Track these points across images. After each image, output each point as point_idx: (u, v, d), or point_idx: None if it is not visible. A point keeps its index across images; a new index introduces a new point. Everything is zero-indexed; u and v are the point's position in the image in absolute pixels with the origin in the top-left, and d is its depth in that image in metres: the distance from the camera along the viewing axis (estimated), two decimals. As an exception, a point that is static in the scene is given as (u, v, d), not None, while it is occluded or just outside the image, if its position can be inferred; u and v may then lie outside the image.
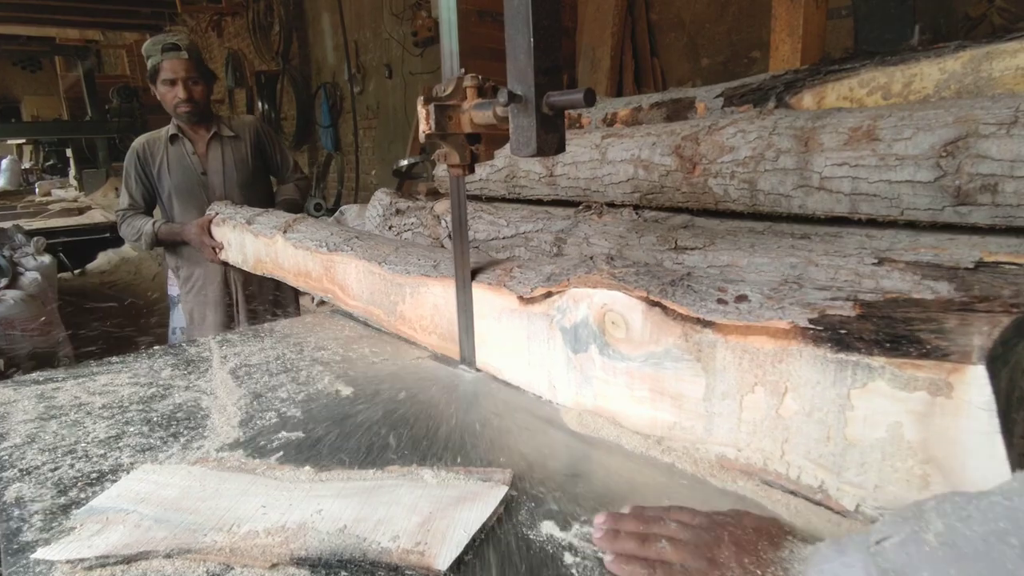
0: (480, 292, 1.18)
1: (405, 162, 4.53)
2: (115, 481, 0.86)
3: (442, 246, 2.03)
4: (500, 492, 0.78)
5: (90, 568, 0.69)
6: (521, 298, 1.09)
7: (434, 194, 2.58)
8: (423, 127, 1.04)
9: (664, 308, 0.89)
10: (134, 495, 0.82)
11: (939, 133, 1.05)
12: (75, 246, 6.47)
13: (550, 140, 0.94)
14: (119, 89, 12.50)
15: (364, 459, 0.90)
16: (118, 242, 7.70)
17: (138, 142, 2.64)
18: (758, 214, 1.37)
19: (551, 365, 1.08)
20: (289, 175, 2.91)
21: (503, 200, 2.05)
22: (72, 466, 0.91)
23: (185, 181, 2.65)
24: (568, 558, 0.69)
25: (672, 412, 0.91)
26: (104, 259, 7.35)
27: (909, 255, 1.03)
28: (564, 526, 0.74)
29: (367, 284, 1.49)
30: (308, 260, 1.70)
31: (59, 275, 6.25)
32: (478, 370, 1.22)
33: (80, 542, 0.73)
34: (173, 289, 4.53)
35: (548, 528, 0.74)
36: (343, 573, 0.67)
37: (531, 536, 0.72)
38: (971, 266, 0.96)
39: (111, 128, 11.90)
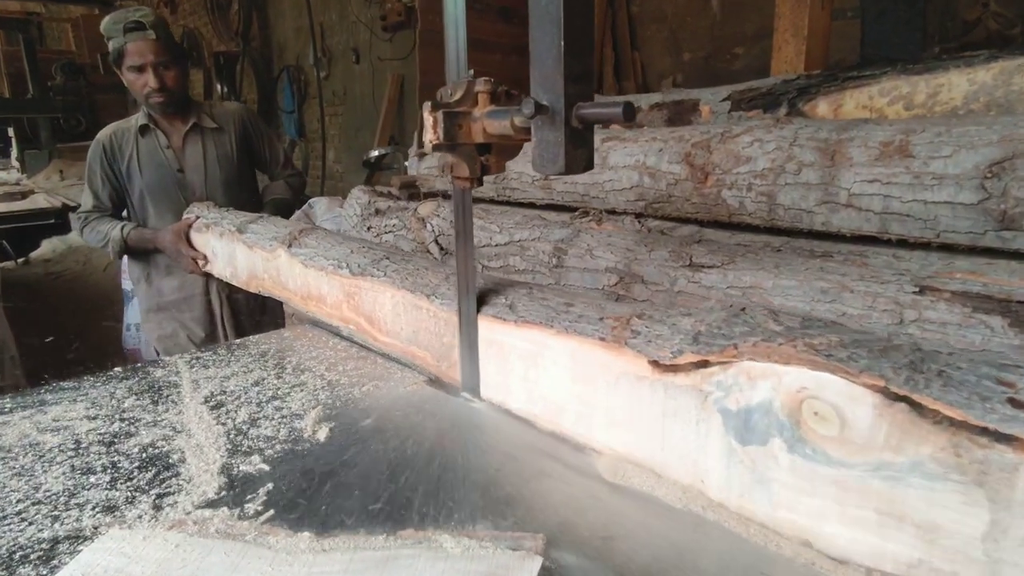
0: (589, 349, 0.91)
1: (375, 153, 4.37)
2: (73, 554, 0.73)
3: (427, 251, 1.92)
4: (535, 565, 0.69)
5: None
6: (656, 364, 0.83)
7: (409, 187, 2.44)
8: (429, 136, 0.93)
9: (913, 405, 0.63)
10: (101, 573, 0.70)
11: (983, 152, 0.98)
12: (18, 233, 6.09)
13: (579, 157, 0.84)
14: (63, 65, 11.87)
15: (375, 520, 0.80)
16: (64, 228, 7.29)
17: (104, 134, 2.29)
18: (775, 229, 1.30)
19: (699, 455, 0.81)
20: (279, 172, 2.57)
21: (492, 203, 1.94)
22: (22, 532, 0.78)
23: (159, 180, 2.29)
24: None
25: (917, 547, 0.64)
26: (49, 247, 6.94)
27: (954, 284, 0.97)
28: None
29: (409, 320, 1.22)
30: (322, 282, 1.43)
31: (1, 265, 5.88)
32: (482, 399, 1.11)
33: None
34: (127, 283, 4.29)
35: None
36: None
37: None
38: (1024, 299, 0.90)
39: (55, 107, 11.31)
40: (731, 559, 0.72)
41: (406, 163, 3.27)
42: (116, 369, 1.30)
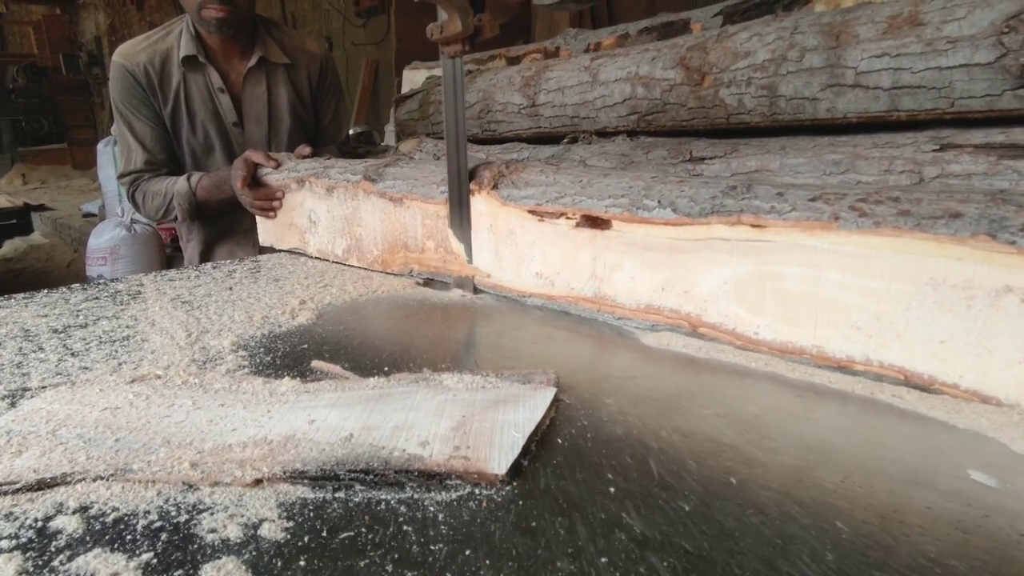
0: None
1: (352, 131, 4.26)
2: (15, 408, 0.63)
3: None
4: (548, 394, 0.61)
5: (-21, 499, 0.47)
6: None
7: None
8: (418, -21, 0.85)
9: None
10: (48, 416, 0.60)
11: (999, 8, 0.94)
12: (-21, 234, 5.85)
13: (583, -20, 0.77)
14: (25, 68, 11.58)
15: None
16: (24, 229, 7.05)
17: (131, 59, 1.56)
18: (776, 126, 1.24)
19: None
20: (333, 147, 1.82)
21: (476, 141, 1.86)
22: (-43, 391, 0.68)
23: (205, 136, 1.65)
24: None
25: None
26: (10, 247, 6.69)
27: (976, 139, 0.92)
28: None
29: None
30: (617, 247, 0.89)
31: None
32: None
33: (-36, 469, 0.50)
34: (92, 270, 4.12)
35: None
36: (358, 487, 0.48)
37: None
38: (1053, 142, 0.85)
39: (16, 109, 11.01)
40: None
41: (382, 142, 3.20)
42: (74, 285, 1.19)
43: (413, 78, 2.41)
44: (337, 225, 1.29)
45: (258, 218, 1.47)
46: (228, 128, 1.66)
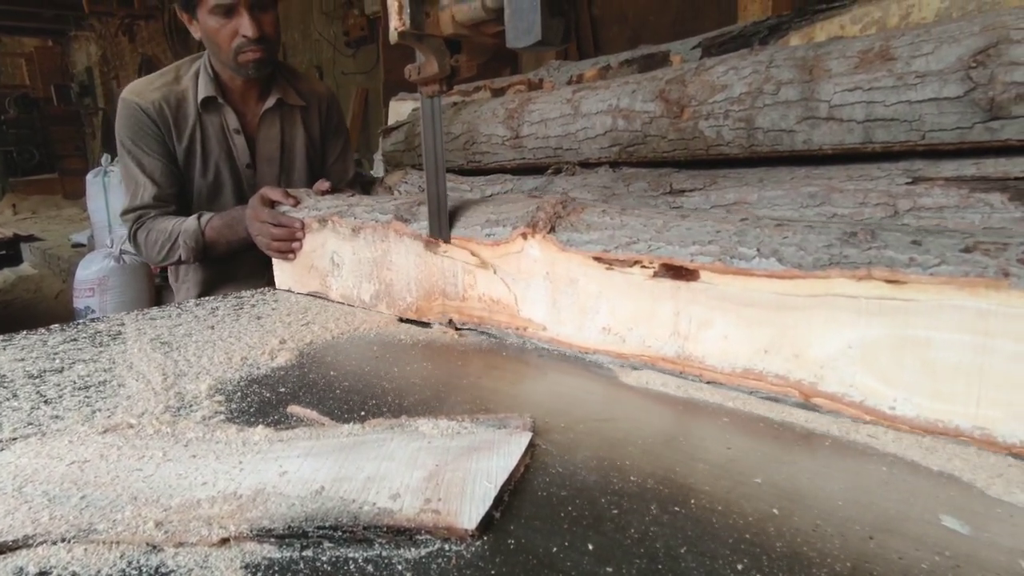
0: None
1: (340, 160, 4.29)
2: (-14, 458, 0.62)
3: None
4: (523, 439, 0.60)
5: (-63, 565, 0.46)
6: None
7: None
8: (394, 23, 0.87)
9: None
10: (15, 471, 0.59)
11: (966, 44, 0.96)
12: (-33, 266, 5.82)
13: (555, 26, 0.78)
14: (17, 99, 11.63)
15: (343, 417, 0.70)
16: (13, 260, 7.01)
17: (144, 97, 1.55)
18: (755, 157, 1.26)
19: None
20: (349, 183, 1.83)
21: (460, 172, 1.87)
22: (-76, 445, 0.67)
23: (216, 177, 1.63)
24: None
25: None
26: (0, 278, 6.65)
27: (947, 171, 0.93)
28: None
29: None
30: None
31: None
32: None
33: (-76, 532, 0.49)
34: (80, 302, 4.09)
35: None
36: (327, 544, 0.47)
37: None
38: (1022, 175, 0.87)
39: (8, 140, 11.04)
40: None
41: (371, 171, 3.21)
42: (52, 325, 1.18)
43: (399, 109, 2.43)
44: (364, 268, 1.19)
45: (275, 260, 1.39)
46: (240, 169, 1.66)
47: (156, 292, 4.23)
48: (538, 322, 0.93)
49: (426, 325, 1.08)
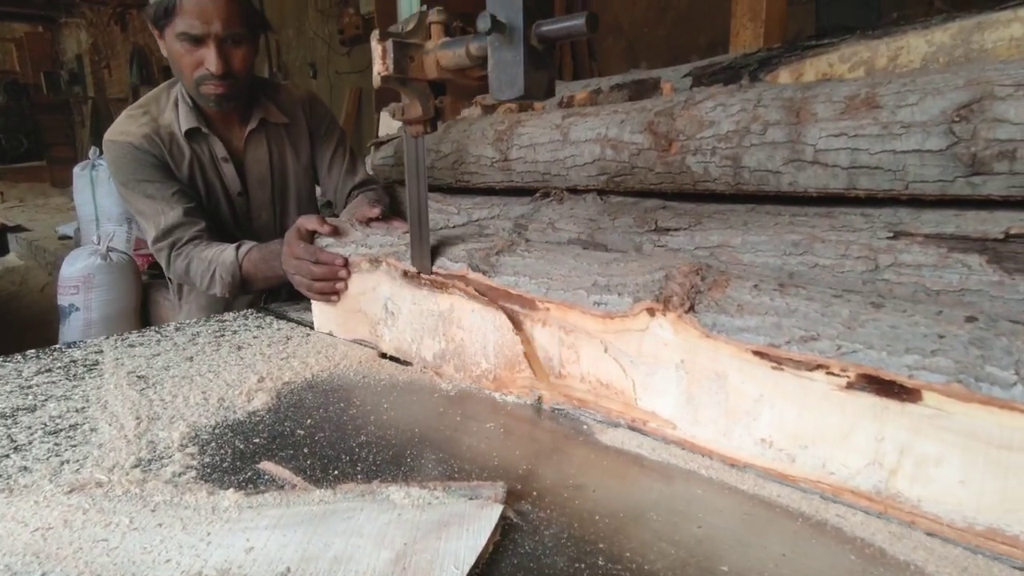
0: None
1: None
2: (-51, 521, 0.62)
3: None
4: (494, 513, 0.60)
5: None
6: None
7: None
8: (378, 68, 0.86)
9: None
10: (-25, 539, 0.58)
11: (950, 97, 0.96)
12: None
13: (539, 79, 0.78)
14: (6, 85, 11.51)
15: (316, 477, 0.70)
16: (0, 250, 6.93)
17: (137, 132, 1.47)
18: (741, 195, 1.26)
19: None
20: (353, 188, 1.79)
21: (449, 190, 1.87)
22: None
23: (212, 209, 1.58)
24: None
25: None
26: (-16, 269, 6.57)
27: (927, 227, 0.93)
28: (584, 554, 0.56)
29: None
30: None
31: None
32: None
33: None
34: (64, 299, 4.05)
35: (564, 558, 0.56)
36: (288, 639, 0.47)
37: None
38: (1001, 236, 0.87)
39: (-4, 127, 10.89)
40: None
41: (367, 158, 3.19)
42: (28, 351, 1.17)
43: (390, 121, 2.41)
44: (427, 323, 1.01)
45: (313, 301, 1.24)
46: (233, 198, 1.61)
47: (144, 290, 4.19)
48: (664, 418, 0.77)
49: (407, 364, 1.07)
